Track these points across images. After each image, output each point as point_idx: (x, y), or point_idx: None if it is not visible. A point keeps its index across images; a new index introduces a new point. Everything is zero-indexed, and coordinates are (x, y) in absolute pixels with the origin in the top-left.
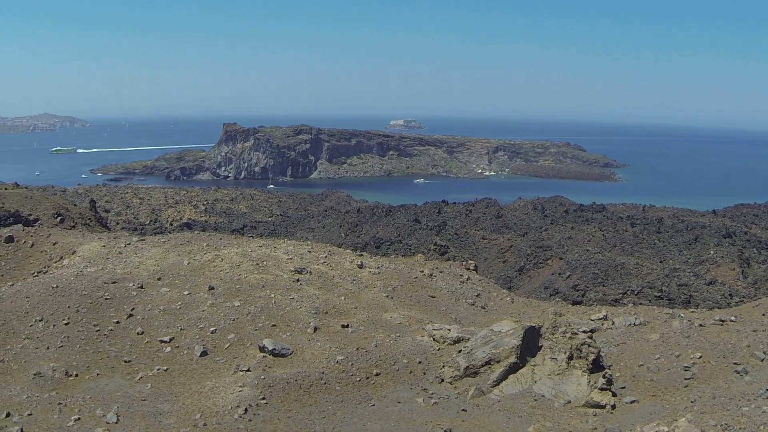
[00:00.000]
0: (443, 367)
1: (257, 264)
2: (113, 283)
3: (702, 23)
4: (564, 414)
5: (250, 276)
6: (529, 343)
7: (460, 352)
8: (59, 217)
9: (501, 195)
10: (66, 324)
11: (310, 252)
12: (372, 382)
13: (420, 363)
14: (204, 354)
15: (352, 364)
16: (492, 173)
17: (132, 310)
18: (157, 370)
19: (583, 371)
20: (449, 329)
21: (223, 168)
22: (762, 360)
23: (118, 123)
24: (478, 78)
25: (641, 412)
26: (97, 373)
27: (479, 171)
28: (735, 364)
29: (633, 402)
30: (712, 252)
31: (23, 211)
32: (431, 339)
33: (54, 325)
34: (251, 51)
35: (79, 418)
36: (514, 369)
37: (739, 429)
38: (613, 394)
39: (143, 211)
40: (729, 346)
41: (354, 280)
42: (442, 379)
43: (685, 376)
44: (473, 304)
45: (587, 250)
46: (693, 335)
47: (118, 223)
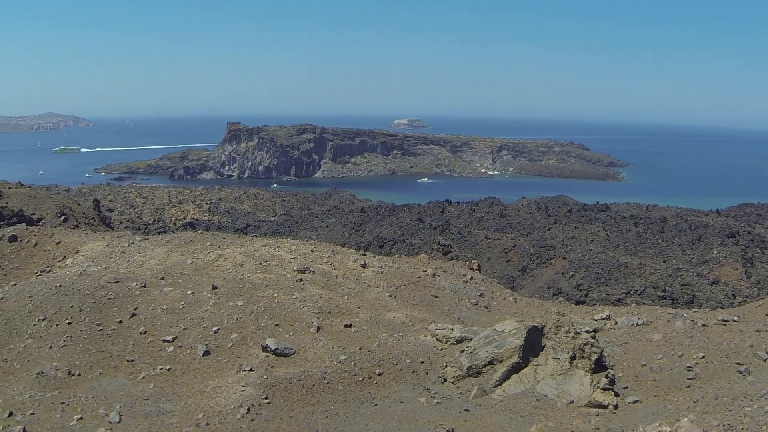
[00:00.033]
0: (446, 366)
1: (260, 263)
2: (116, 282)
3: (702, 23)
4: (567, 414)
5: (254, 275)
6: (532, 343)
7: (462, 351)
8: (63, 217)
9: (504, 194)
10: (69, 323)
11: (313, 251)
12: (375, 381)
13: (423, 363)
14: (207, 353)
15: (354, 364)
16: (496, 172)
17: (135, 309)
18: (160, 369)
19: (586, 371)
20: (452, 329)
21: (226, 167)
22: (765, 360)
23: (122, 122)
24: (478, 78)
25: (644, 412)
26: (100, 373)
27: (483, 170)
28: (738, 364)
29: (635, 402)
30: (715, 252)
31: (27, 210)
32: (434, 339)
33: (57, 324)
34: (251, 51)
35: (81, 418)
36: (516, 369)
37: (742, 429)
38: (616, 394)
39: (147, 210)
40: (732, 346)
41: (357, 279)
42: (445, 379)
43: (687, 376)
44: (476, 304)
45: (590, 250)
46: (696, 335)
47: (121, 223)
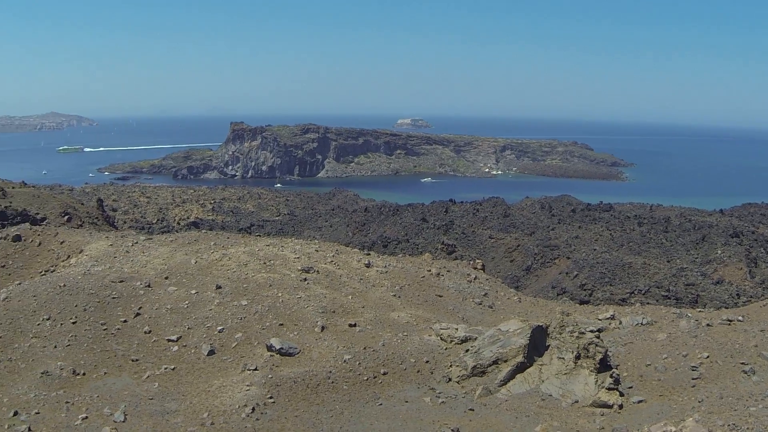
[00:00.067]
0: (450, 366)
1: (264, 263)
2: (120, 282)
3: (702, 23)
4: (571, 414)
5: (258, 275)
6: (537, 343)
7: (467, 351)
8: (66, 216)
9: (508, 194)
10: (73, 323)
11: (317, 251)
12: (379, 381)
13: (427, 362)
14: (211, 353)
15: (359, 364)
16: (499, 172)
17: (139, 309)
18: (165, 369)
19: (591, 371)
20: (456, 328)
21: (230, 167)
22: None
23: (125, 122)
24: (479, 78)
25: (648, 412)
26: (105, 372)
27: (486, 170)
28: (742, 364)
29: (640, 402)
30: (719, 251)
31: (31, 210)
32: (438, 338)
33: (61, 323)
34: (252, 51)
35: (86, 417)
36: (521, 368)
37: (747, 429)
38: (621, 394)
39: (150, 210)
40: (736, 346)
41: (361, 279)
42: (450, 379)
43: (692, 376)
44: (480, 304)
45: (594, 250)
46: (700, 335)
47: (125, 222)
